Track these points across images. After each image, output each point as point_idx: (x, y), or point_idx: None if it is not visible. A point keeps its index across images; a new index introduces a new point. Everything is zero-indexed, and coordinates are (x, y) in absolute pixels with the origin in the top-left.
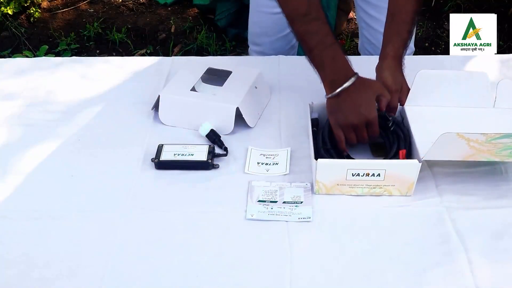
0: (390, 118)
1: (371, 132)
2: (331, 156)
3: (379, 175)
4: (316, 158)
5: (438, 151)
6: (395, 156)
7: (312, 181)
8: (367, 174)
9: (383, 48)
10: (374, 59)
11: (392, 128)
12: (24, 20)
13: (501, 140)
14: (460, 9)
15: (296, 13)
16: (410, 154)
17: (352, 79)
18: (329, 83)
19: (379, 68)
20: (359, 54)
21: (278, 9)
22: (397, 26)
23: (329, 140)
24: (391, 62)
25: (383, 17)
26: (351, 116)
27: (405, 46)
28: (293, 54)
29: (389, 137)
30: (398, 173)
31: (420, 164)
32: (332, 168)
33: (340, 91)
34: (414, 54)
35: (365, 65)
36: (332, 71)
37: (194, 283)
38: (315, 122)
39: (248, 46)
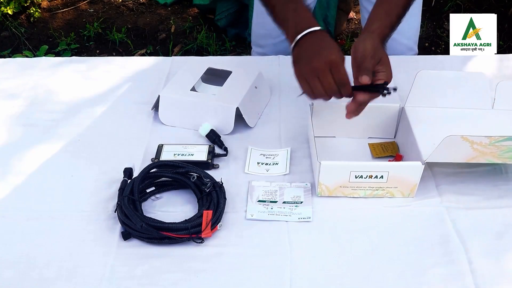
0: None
1: (337, 78)
2: None
3: (382, 177)
4: None
5: (441, 153)
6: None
7: (313, 181)
8: (370, 176)
9: (367, 25)
10: None
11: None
12: (24, 20)
13: (504, 143)
14: (460, 9)
15: None
16: None
17: (316, 28)
18: (293, 34)
19: (357, 41)
20: None
21: None
22: (388, 6)
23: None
24: (374, 37)
25: None
26: (313, 59)
27: (391, 29)
28: None
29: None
30: (401, 175)
31: (423, 166)
32: (335, 170)
33: (303, 37)
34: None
35: None
36: (294, 23)
37: (194, 283)
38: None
39: (249, 47)
